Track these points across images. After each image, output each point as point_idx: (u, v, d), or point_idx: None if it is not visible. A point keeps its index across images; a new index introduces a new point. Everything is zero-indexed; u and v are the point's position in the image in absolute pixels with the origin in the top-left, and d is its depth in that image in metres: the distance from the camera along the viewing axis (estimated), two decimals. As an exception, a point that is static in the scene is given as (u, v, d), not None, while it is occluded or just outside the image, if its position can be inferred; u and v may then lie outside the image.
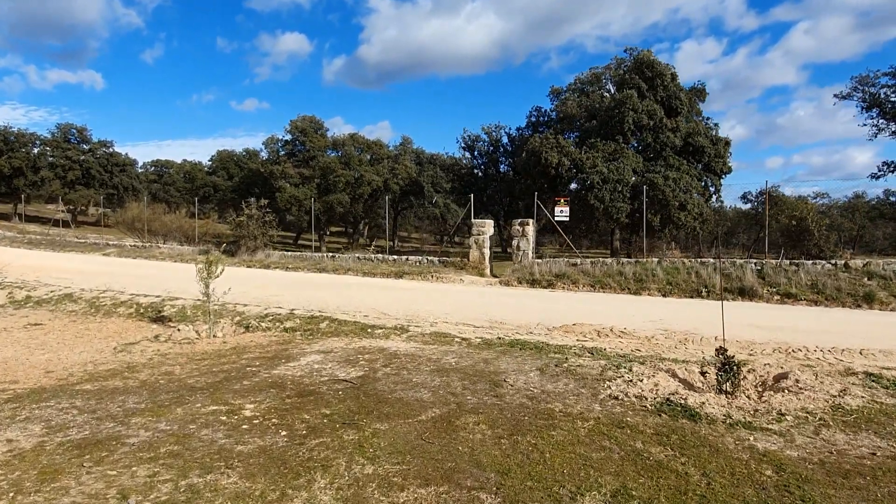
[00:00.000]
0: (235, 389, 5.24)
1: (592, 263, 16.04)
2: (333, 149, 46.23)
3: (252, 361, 6.46)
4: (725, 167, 25.98)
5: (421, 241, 72.62)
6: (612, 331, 8.96)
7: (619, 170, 23.57)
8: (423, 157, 49.60)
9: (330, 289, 13.74)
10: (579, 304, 11.98)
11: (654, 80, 25.46)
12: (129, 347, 7.54)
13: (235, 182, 55.33)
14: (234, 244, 22.98)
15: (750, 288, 12.96)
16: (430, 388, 5.16)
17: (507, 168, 40.51)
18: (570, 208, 20.15)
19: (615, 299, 13.00)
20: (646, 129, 25.30)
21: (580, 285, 14.77)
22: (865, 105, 25.82)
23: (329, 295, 12.46)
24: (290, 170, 43.73)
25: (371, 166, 44.51)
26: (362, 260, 20.02)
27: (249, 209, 22.05)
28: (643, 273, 14.58)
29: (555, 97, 35.60)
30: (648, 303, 12.39)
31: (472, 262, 17.73)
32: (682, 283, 13.82)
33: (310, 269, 19.38)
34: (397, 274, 17.49)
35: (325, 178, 42.53)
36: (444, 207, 52.78)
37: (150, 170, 75.00)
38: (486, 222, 17.83)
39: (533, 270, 15.89)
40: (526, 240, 17.17)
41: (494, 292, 13.93)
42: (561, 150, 25.15)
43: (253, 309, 10.09)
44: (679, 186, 23.26)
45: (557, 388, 5.12)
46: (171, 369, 6.26)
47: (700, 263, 14.71)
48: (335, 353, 6.63)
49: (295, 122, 45.82)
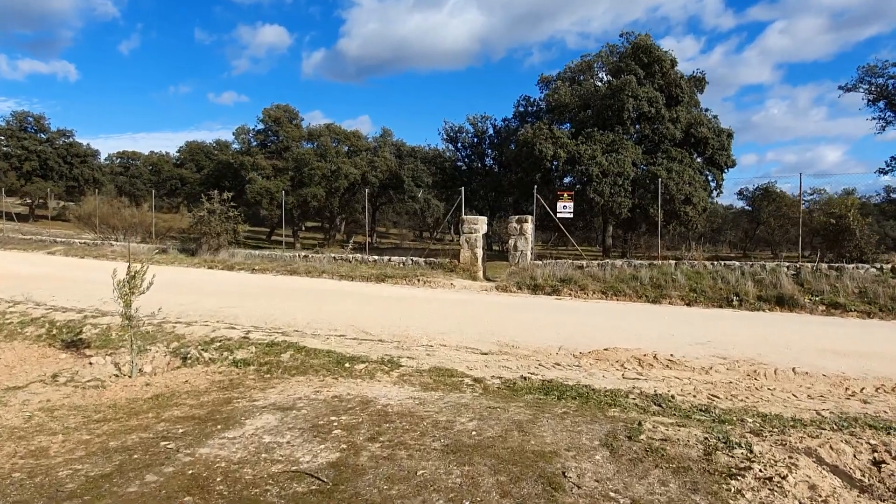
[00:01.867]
0: (128, 497, 3.18)
1: (601, 266, 14.18)
2: (309, 140, 43.81)
3: (174, 427, 4.38)
4: (730, 160, 24.35)
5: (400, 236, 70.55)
6: (655, 358, 7.07)
7: (619, 162, 21.76)
8: (404, 150, 47.44)
9: (300, 298, 11.62)
10: (596, 316, 10.08)
11: (653, 66, 23.67)
12: (8, 396, 5.37)
13: (204, 174, 52.38)
14: (196, 241, 20.62)
15: (789, 297, 11.21)
16: (446, 495, 3.16)
17: (492, 161, 38.57)
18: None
19: (634, 310, 11.14)
20: (645, 119, 23.52)
21: (590, 292, 12.89)
22: (872, 97, 24.42)
23: (298, 307, 10.35)
24: (262, 161, 41.21)
25: (349, 158, 42.20)
26: (339, 260, 17.89)
27: (211, 202, 19.70)
28: (661, 278, 12.76)
29: (544, 86, 33.72)
30: (674, 314, 10.54)
31: (462, 264, 15.76)
32: (708, 290, 12.03)
33: (279, 270, 17.19)
34: (379, 277, 15.42)
35: (299, 170, 40.13)
36: (425, 203, 50.74)
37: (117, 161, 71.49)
38: (479, 219, 15.86)
39: (534, 274, 13.96)
40: (524, 239, 15.24)
41: (494, 302, 11.96)
42: (556, 141, 23.25)
43: (199, 330, 7.95)
44: (683, 180, 21.53)
45: (654, 496, 3.16)
46: (47, 444, 4.15)
47: (725, 266, 12.94)
48: (298, 412, 4.58)
49: (268, 110, 43.29)
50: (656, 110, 22.96)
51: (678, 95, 23.84)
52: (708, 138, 23.28)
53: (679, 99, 23.99)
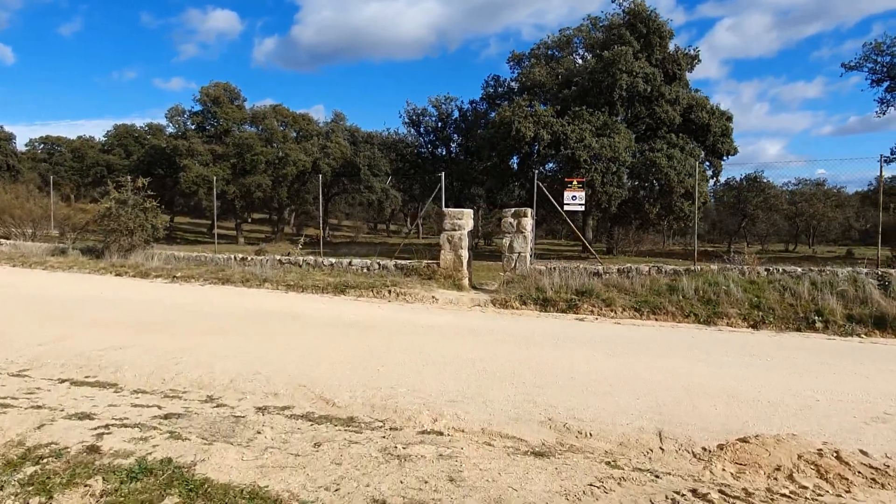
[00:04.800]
0: None
1: (622, 273, 11.22)
2: (253, 123, 39.41)
3: None
4: (732, 148, 21.86)
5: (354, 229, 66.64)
6: (840, 459, 4.06)
7: (612, 146, 18.88)
8: (359, 136, 43.61)
9: (226, 330, 8.09)
10: (662, 356, 7.02)
11: (651, 37, 20.87)
12: None
13: (134, 161, 46.97)
14: (105, 241, 16.58)
15: (893, 317, 8.50)
16: None
17: (457, 148, 35.31)
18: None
19: (697, 339, 8.18)
20: (640, 99, 20.70)
21: (618, 309, 9.89)
22: (876, 77, 22.46)
23: (222, 345, 6.89)
24: (198, 146, 36.68)
25: (298, 144, 38.13)
26: (285, 264, 14.31)
27: (121, 192, 15.70)
28: (709, 289, 9.88)
29: (516, 64, 30.68)
30: (757, 347, 7.62)
31: (444, 269, 12.53)
32: (777, 307, 9.21)
33: (208, 278, 13.52)
34: (338, 288, 12.01)
35: (241, 156, 35.83)
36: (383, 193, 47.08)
37: (40, 148, 64.45)
38: (464, 212, 12.66)
39: (541, 284, 10.86)
40: (523, 237, 12.12)
41: (502, 330, 8.77)
42: (538, 120, 20.17)
43: (17, 419, 4.42)
44: (685, 169, 18.86)
45: None
46: None
47: (786, 274, 10.18)
48: None
49: (206, 89, 38.63)
50: (653, 89, 20.18)
51: (676, 73, 21.17)
52: (710, 124, 20.68)
53: (677, 77, 21.33)
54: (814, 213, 31.87)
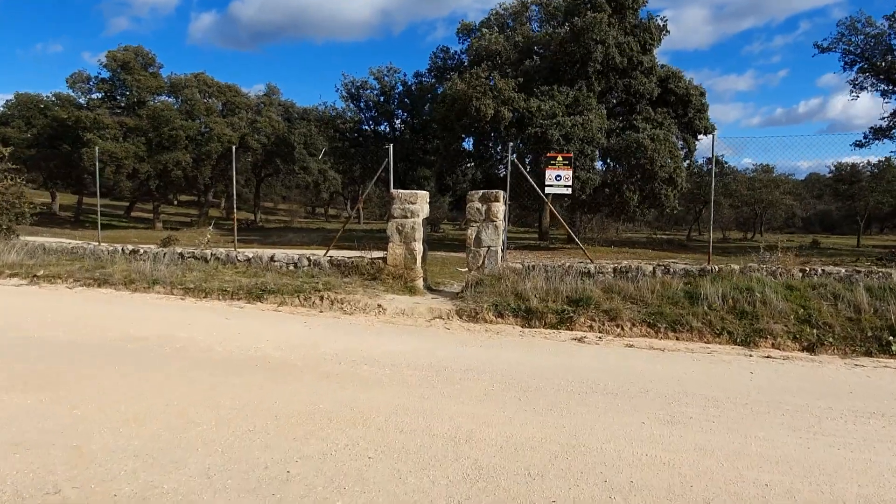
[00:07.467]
0: None
1: (620, 274, 8.86)
2: (172, 93, 34.91)
3: None
4: (709, 125, 20.04)
5: (290, 213, 62.46)
6: None
7: (584, 125, 16.52)
8: (294, 112, 39.76)
9: (67, 374, 5.08)
10: (749, 426, 4.62)
11: (623, 4, 18.60)
12: None
13: (34, 134, 41.22)
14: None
15: None
16: None
17: (401, 125, 32.31)
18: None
19: (757, 378, 5.87)
20: (615, 72, 18.42)
21: (626, 324, 7.50)
22: (849, 60, 21.16)
23: (44, 416, 3.90)
24: (105, 118, 32.04)
25: (223, 118, 34.03)
26: (188, 259, 11.17)
27: (-35, 163, 12.04)
28: (740, 298, 7.64)
29: (465, 36, 27.91)
30: (864, 388, 5.37)
31: (393, 267, 9.82)
32: (833, 323, 7.05)
33: (81, 278, 10.26)
34: (252, 293, 9.09)
35: (157, 130, 31.50)
36: (320, 174, 43.50)
37: (-68, 120, 56.43)
38: (418, 194, 9.96)
39: (522, 290, 8.35)
40: (493, 227, 9.55)
41: (483, 365, 6.17)
42: (499, 96, 17.58)
43: None
44: (667, 150, 16.77)
45: None
46: None
47: (834, 279, 8.08)
48: None
49: (113, 53, 33.88)
50: (629, 59, 17.97)
51: (649, 44, 19.07)
52: (690, 96, 18.74)
53: (650, 48, 19.23)
54: (772, 200, 31.16)
